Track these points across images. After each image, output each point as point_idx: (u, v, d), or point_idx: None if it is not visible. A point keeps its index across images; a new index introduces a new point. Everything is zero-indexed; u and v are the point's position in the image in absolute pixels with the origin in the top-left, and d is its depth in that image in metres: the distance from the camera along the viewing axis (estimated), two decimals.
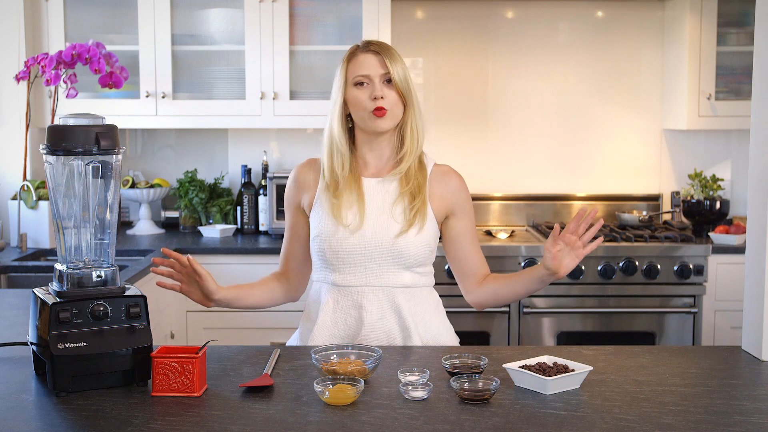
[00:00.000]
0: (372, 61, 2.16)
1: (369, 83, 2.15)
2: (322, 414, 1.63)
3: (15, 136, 3.85)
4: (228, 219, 4.19)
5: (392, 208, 2.17)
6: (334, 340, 2.17)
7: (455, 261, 2.28)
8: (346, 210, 2.16)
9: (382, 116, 2.13)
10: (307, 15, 3.96)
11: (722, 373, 1.93)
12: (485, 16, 4.31)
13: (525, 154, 4.37)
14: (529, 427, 1.57)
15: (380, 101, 2.13)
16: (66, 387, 1.72)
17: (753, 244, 2.06)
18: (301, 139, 4.36)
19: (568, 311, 3.69)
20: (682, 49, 4.06)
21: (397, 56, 2.18)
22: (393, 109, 2.15)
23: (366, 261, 2.15)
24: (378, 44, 2.19)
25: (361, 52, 2.18)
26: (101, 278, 1.81)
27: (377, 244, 2.14)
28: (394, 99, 2.15)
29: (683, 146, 4.38)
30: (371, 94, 2.13)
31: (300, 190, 2.27)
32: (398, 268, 2.17)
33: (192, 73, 3.99)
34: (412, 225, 2.15)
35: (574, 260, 2.08)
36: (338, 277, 2.18)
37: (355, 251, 2.14)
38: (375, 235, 2.14)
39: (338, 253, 2.15)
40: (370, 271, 2.16)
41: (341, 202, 2.16)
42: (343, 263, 2.16)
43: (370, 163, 2.23)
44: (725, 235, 3.84)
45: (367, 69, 2.15)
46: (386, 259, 2.15)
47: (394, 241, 2.14)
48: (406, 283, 2.18)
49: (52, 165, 1.81)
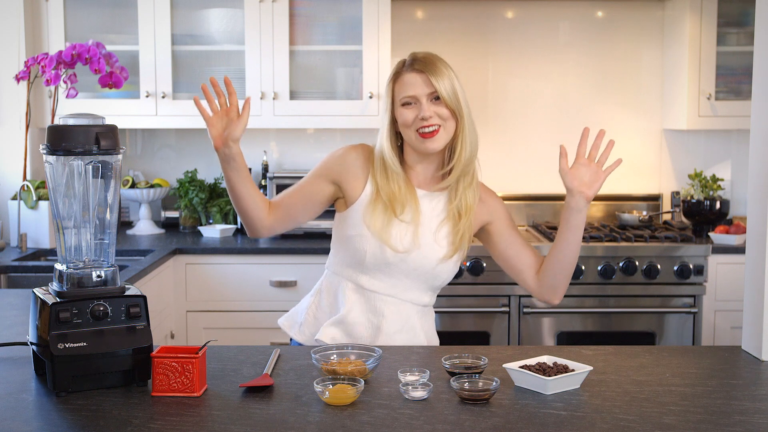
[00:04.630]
0: (417, 81, 2.09)
1: (416, 103, 2.10)
2: (322, 414, 1.63)
3: (15, 136, 3.85)
4: (228, 219, 4.19)
5: (437, 230, 2.15)
6: (345, 338, 2.17)
7: (511, 261, 2.23)
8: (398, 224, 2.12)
9: (431, 137, 2.09)
10: (307, 15, 3.96)
11: (722, 373, 1.93)
12: (485, 16, 4.31)
13: (525, 154, 4.37)
14: (529, 427, 1.57)
15: (429, 120, 2.08)
16: (66, 387, 1.72)
17: (753, 244, 2.06)
18: (301, 139, 4.36)
19: (568, 311, 3.69)
20: (682, 49, 4.06)
21: (443, 69, 2.10)
22: (446, 126, 2.10)
23: (399, 273, 2.15)
24: (423, 61, 2.11)
25: (406, 72, 2.12)
26: (101, 278, 1.81)
27: (417, 266, 2.14)
28: (445, 115, 2.09)
29: (683, 146, 4.38)
30: (419, 114, 2.09)
31: (345, 172, 2.17)
32: (426, 288, 2.20)
33: (192, 73, 3.99)
34: (457, 250, 2.15)
35: (596, 175, 2.07)
36: (366, 280, 2.16)
37: (395, 264, 2.14)
38: (419, 257, 2.13)
39: (379, 259, 2.13)
40: (399, 283, 2.16)
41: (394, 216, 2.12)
42: (379, 270, 2.15)
43: (418, 174, 2.19)
44: (725, 235, 3.84)
45: (413, 89, 2.09)
46: (420, 278, 2.16)
47: (435, 266, 2.14)
48: (425, 302, 2.23)
49: (52, 165, 1.81)
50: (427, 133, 2.09)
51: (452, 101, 2.09)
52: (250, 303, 3.73)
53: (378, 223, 2.12)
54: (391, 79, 2.15)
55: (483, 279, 3.64)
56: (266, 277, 3.72)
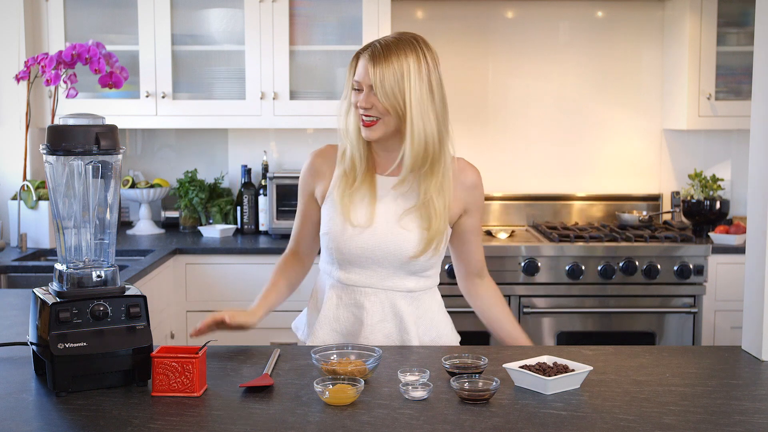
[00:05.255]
0: (364, 69, 2.07)
1: (362, 90, 2.09)
2: (322, 414, 1.63)
3: (15, 136, 3.85)
4: (228, 219, 4.19)
5: (404, 214, 2.12)
6: (335, 335, 2.18)
7: (458, 254, 2.29)
8: (357, 208, 2.13)
9: (368, 126, 2.08)
10: (307, 15, 3.96)
11: (722, 373, 1.93)
12: (485, 16, 4.31)
13: (525, 154, 4.37)
14: (529, 427, 1.57)
15: (368, 111, 2.07)
16: (66, 387, 1.72)
17: (753, 244, 2.06)
18: (301, 139, 4.36)
19: (568, 311, 3.69)
20: (682, 49, 4.06)
21: (393, 65, 2.04)
22: (385, 120, 2.07)
23: (372, 263, 2.14)
24: (379, 51, 2.06)
25: (361, 56, 2.10)
26: (101, 278, 1.81)
27: (386, 252, 2.12)
28: (382, 110, 2.06)
29: (683, 146, 4.38)
30: (357, 101, 2.09)
31: (315, 178, 2.22)
32: (405, 274, 2.16)
33: (192, 73, 3.99)
34: (430, 234, 2.11)
35: None
36: (343, 275, 2.17)
37: (361, 253, 2.13)
38: (385, 241, 2.11)
39: (345, 253, 2.14)
40: (374, 273, 2.15)
41: (353, 198, 2.13)
42: (350, 263, 2.15)
43: (382, 162, 2.17)
44: (725, 235, 3.84)
45: (359, 76, 2.08)
46: (394, 264, 2.13)
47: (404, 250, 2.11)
48: (409, 288, 2.17)
49: (52, 165, 1.81)
50: (366, 121, 2.08)
51: (387, 98, 2.04)
52: (250, 303, 3.70)
53: (338, 200, 2.14)
54: (354, 56, 2.13)
55: None
56: (266, 277, 3.69)
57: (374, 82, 2.04)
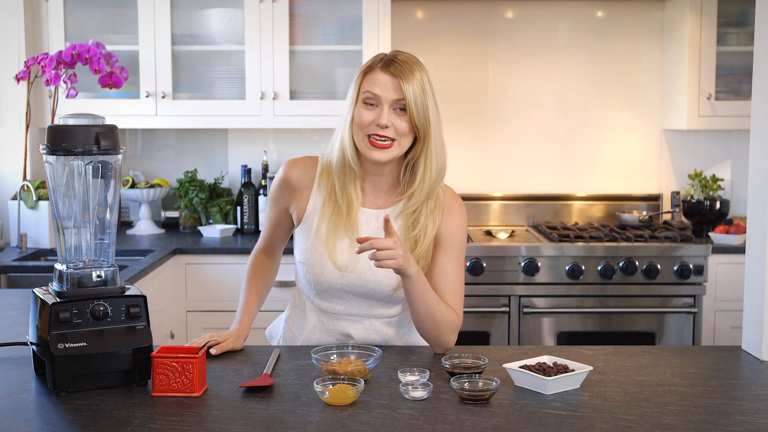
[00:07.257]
0: (387, 83, 1.90)
1: (378, 105, 1.92)
2: (322, 414, 1.63)
3: (15, 136, 3.85)
4: (228, 219, 4.19)
5: None
6: None
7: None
8: (340, 245, 1.99)
9: (381, 148, 1.91)
10: (307, 15, 3.96)
11: (722, 373, 1.93)
12: (485, 16, 4.31)
13: (525, 154, 4.37)
14: (529, 427, 1.57)
15: (384, 131, 1.90)
16: (66, 387, 1.72)
17: (753, 244, 2.06)
18: (301, 139, 4.36)
19: (568, 311, 3.69)
20: (682, 49, 4.06)
21: (420, 80, 1.90)
22: (401, 141, 1.91)
23: (353, 297, 2.05)
24: (401, 64, 1.91)
25: (380, 70, 1.92)
26: (101, 278, 1.81)
27: (370, 291, 2.02)
28: (403, 130, 1.91)
29: (683, 146, 4.38)
30: (377, 119, 1.91)
31: (291, 195, 2.07)
32: (387, 304, 2.07)
33: (192, 73, 3.99)
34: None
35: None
36: (323, 303, 2.08)
37: (342, 288, 2.03)
38: (366, 281, 2.00)
39: (325, 287, 2.04)
40: (356, 304, 2.06)
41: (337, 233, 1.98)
42: (330, 295, 2.06)
43: (366, 191, 2.02)
44: (725, 235, 3.84)
45: (380, 89, 1.90)
46: (378, 298, 2.05)
47: (390, 291, 2.02)
48: (393, 314, 2.10)
49: (52, 165, 1.81)
50: (378, 142, 1.91)
51: (419, 117, 1.89)
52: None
53: (319, 232, 2.00)
54: (362, 71, 1.96)
55: (483, 279, 3.64)
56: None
57: (408, 95, 1.88)
